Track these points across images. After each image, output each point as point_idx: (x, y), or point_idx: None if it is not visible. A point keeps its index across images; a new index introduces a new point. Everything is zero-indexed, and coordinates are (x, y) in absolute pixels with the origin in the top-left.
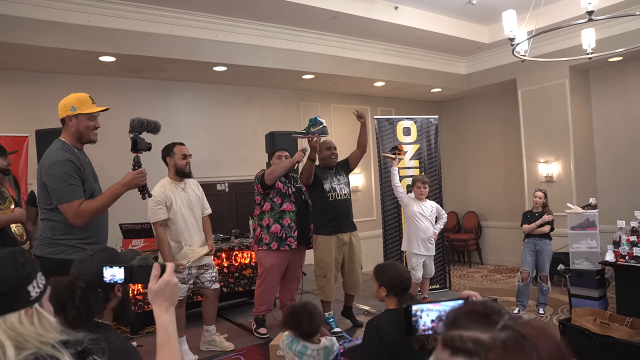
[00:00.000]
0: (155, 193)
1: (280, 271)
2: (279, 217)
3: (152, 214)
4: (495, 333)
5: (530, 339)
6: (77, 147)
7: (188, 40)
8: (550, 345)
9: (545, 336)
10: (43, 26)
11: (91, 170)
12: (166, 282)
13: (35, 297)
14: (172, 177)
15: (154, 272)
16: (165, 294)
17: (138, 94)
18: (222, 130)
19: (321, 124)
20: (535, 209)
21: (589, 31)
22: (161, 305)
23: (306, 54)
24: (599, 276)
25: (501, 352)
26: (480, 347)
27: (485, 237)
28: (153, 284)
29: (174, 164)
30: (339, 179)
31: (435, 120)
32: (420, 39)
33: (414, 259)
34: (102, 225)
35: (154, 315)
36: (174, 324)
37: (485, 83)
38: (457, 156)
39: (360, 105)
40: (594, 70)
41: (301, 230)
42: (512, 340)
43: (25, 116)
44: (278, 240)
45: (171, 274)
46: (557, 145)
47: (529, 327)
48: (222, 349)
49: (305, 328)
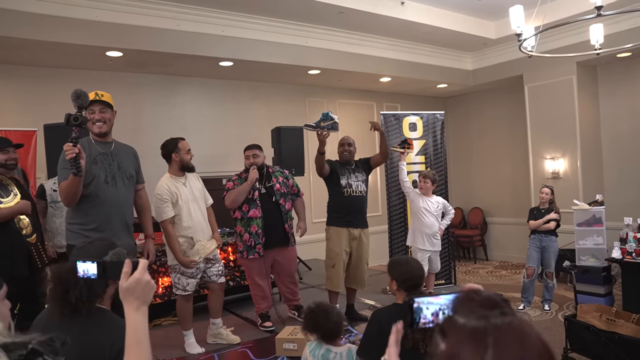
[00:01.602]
0: (160, 191)
1: (262, 273)
2: (247, 225)
3: (159, 213)
4: (490, 320)
5: (522, 327)
6: (96, 140)
7: (194, 36)
8: (536, 337)
9: (533, 329)
10: (50, 21)
11: (96, 158)
12: (137, 280)
13: None
14: (173, 173)
15: (125, 269)
16: (135, 292)
17: (144, 89)
18: (228, 125)
19: (332, 119)
20: (542, 205)
21: (598, 27)
22: (131, 304)
23: (312, 49)
24: (605, 273)
25: (495, 336)
26: (477, 332)
27: (490, 233)
28: (123, 282)
29: (180, 160)
30: (357, 176)
31: (441, 116)
32: (427, 34)
33: (419, 254)
34: (101, 213)
35: (125, 315)
36: (145, 324)
37: (491, 79)
38: (463, 152)
39: (365, 101)
40: (601, 67)
41: (275, 231)
42: (507, 325)
43: (32, 111)
44: (248, 248)
45: (143, 272)
46: (564, 142)
47: (520, 319)
48: (228, 342)
49: (324, 326)
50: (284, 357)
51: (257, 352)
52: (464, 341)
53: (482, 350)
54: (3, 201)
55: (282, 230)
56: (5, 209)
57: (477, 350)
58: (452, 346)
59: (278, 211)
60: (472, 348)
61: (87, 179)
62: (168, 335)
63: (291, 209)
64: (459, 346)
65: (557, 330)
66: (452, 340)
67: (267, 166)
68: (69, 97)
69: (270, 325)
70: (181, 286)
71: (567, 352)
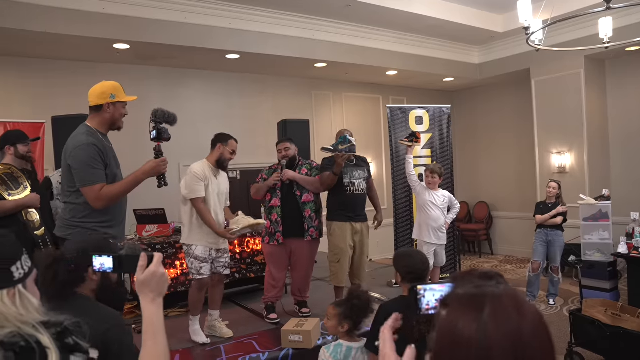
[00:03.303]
0: (197, 170)
1: (278, 262)
2: (269, 213)
3: (192, 191)
4: (487, 288)
5: (518, 296)
6: (102, 133)
7: (201, 28)
8: (532, 307)
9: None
10: (58, 13)
11: (113, 156)
12: (152, 273)
13: (18, 278)
14: (211, 162)
15: (141, 262)
16: (151, 284)
17: (151, 82)
18: (235, 118)
19: (350, 142)
20: (549, 200)
21: (607, 20)
22: (147, 296)
23: (319, 42)
24: (611, 268)
25: (492, 302)
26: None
27: (496, 228)
28: (140, 275)
29: (221, 153)
30: (360, 173)
31: (448, 110)
32: (434, 27)
33: (425, 247)
34: (121, 210)
35: (141, 307)
36: (160, 315)
37: (498, 73)
38: (469, 146)
39: (372, 94)
40: (610, 60)
41: (292, 221)
42: (503, 293)
43: (40, 103)
44: (269, 235)
45: (158, 265)
46: (571, 136)
47: (516, 290)
48: (220, 335)
49: (364, 313)
50: (290, 349)
51: (262, 343)
52: (463, 307)
53: (479, 315)
54: (11, 193)
55: (299, 221)
56: (11, 201)
57: (475, 315)
58: (452, 312)
59: (296, 202)
60: (470, 312)
61: (111, 178)
62: (174, 327)
63: (311, 200)
64: (458, 312)
65: (562, 324)
66: (451, 307)
67: (299, 158)
68: (76, 89)
69: (276, 317)
70: (195, 270)
71: (572, 346)
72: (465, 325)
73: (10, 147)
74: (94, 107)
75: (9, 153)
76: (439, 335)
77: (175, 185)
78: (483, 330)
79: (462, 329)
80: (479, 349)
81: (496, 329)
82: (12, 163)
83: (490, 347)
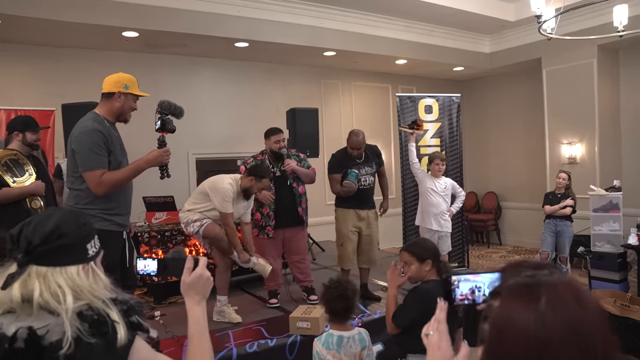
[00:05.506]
0: (227, 189)
1: (272, 253)
2: (259, 206)
3: (225, 207)
4: (540, 277)
5: (575, 284)
6: (109, 121)
7: (210, 16)
8: (592, 296)
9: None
10: (67, 1)
11: (120, 144)
12: (199, 276)
13: (92, 255)
14: (241, 187)
15: (187, 265)
16: (197, 287)
17: (160, 70)
18: (244, 106)
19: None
20: (558, 190)
21: (622, 7)
22: (193, 298)
23: (328, 30)
24: (621, 259)
25: (548, 291)
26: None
27: (504, 218)
28: (186, 277)
29: (251, 186)
30: (366, 169)
31: (457, 99)
32: (444, 16)
33: (427, 234)
34: (126, 198)
35: (187, 308)
36: (205, 317)
37: (509, 62)
38: (479, 136)
39: (381, 84)
40: (624, 50)
41: (288, 214)
42: (559, 281)
43: (49, 91)
44: (259, 228)
45: (204, 268)
46: (582, 127)
47: (572, 278)
48: (230, 320)
49: (337, 302)
50: (298, 335)
51: (271, 330)
52: (517, 297)
53: (535, 305)
54: (16, 180)
55: (295, 213)
56: (15, 188)
57: (531, 305)
58: (505, 303)
59: (292, 195)
60: (525, 302)
61: (115, 165)
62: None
63: (304, 192)
64: (512, 302)
65: None
66: (504, 298)
67: (287, 149)
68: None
69: (276, 302)
70: (198, 225)
71: None
72: (521, 315)
73: (18, 133)
74: (106, 94)
75: (16, 139)
76: (493, 327)
77: (183, 175)
78: (541, 320)
79: (518, 319)
80: (537, 339)
81: (554, 318)
82: (18, 149)
83: (549, 337)
